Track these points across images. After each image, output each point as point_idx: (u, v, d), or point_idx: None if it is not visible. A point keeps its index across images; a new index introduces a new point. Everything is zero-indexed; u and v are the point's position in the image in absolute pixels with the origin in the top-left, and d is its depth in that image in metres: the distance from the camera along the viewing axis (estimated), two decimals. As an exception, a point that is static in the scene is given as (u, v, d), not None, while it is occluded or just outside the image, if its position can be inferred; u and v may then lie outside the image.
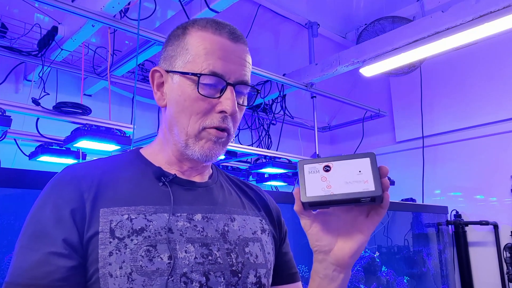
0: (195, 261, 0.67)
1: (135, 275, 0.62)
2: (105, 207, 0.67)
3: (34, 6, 2.07)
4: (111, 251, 0.63)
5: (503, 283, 2.82)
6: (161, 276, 0.63)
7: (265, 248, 0.78)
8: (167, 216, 0.69)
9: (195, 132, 0.72)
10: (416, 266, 2.84)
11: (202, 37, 0.73)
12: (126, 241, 0.64)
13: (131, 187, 0.72)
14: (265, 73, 2.50)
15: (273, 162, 2.37)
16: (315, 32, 3.08)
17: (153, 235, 0.66)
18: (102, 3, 1.72)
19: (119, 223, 0.66)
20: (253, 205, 0.85)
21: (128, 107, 2.65)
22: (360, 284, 2.37)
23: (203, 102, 0.71)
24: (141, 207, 0.69)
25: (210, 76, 0.70)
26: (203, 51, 0.71)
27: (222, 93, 0.71)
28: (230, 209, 0.79)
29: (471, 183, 3.09)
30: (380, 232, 2.68)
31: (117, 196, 0.69)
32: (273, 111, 3.17)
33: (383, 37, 2.38)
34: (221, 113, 0.72)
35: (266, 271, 0.76)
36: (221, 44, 0.72)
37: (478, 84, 3.12)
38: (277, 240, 0.86)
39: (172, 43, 0.76)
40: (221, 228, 0.74)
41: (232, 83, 0.72)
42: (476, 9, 1.94)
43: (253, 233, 0.78)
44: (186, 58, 0.72)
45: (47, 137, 1.90)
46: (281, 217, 0.90)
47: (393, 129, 3.66)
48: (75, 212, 0.65)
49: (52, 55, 2.11)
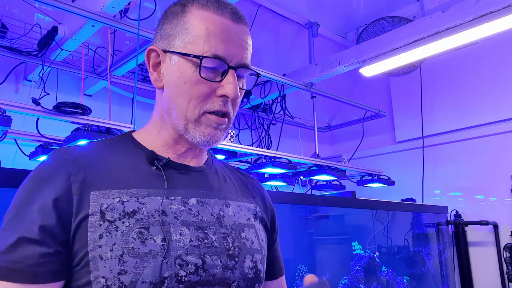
0: (190, 244, 0.65)
1: (126, 257, 0.60)
2: (95, 190, 0.65)
3: (34, 6, 2.07)
4: (101, 234, 0.61)
5: (503, 283, 2.82)
6: (154, 258, 0.61)
7: (259, 235, 0.78)
8: (161, 199, 0.67)
9: (195, 117, 0.70)
10: (416, 266, 2.84)
11: (203, 17, 0.69)
12: (117, 224, 0.63)
13: (123, 170, 0.70)
14: (265, 73, 2.50)
15: (273, 162, 2.37)
16: (315, 32, 3.08)
17: (145, 217, 0.64)
18: (102, 3, 1.72)
19: (110, 205, 0.64)
20: (247, 193, 0.84)
21: (128, 107, 2.65)
22: (360, 284, 2.37)
23: (204, 85, 0.69)
24: (133, 190, 0.67)
25: (212, 59, 0.68)
26: (205, 32, 0.68)
27: (224, 76, 0.69)
28: (225, 194, 0.77)
29: (471, 183, 3.08)
30: (380, 232, 2.68)
31: (108, 179, 0.67)
32: (273, 111, 3.17)
33: (383, 37, 2.38)
34: (222, 97, 0.70)
35: (261, 257, 0.75)
36: (223, 25, 0.69)
37: (478, 84, 3.12)
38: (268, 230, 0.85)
39: (170, 20, 0.72)
40: (216, 213, 0.72)
41: (233, 66, 0.69)
42: (476, 9, 1.94)
43: (248, 219, 0.78)
44: (186, 38, 0.69)
45: (47, 137, 1.90)
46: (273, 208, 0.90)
47: (393, 129, 3.66)
48: (59, 198, 0.62)
49: (52, 55, 2.11)
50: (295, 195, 2.33)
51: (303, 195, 2.68)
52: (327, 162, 2.71)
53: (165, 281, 0.61)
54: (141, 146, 0.76)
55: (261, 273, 0.74)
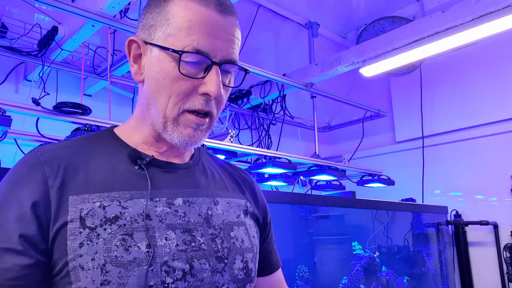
0: (176, 249, 0.62)
1: (109, 266, 0.57)
2: (74, 195, 0.61)
3: (34, 6, 2.07)
4: (82, 242, 0.58)
5: (503, 283, 2.82)
6: (139, 266, 0.58)
7: (249, 232, 0.75)
8: (144, 201, 0.63)
9: (174, 115, 0.65)
10: (416, 266, 2.84)
11: (186, 7, 0.64)
12: (99, 231, 0.59)
13: (103, 171, 0.65)
14: (265, 73, 2.50)
15: (273, 162, 2.37)
16: (315, 32, 3.08)
17: (128, 223, 0.60)
18: (102, 3, 1.72)
19: (91, 211, 0.60)
20: (237, 187, 0.80)
21: (128, 107, 2.65)
22: (360, 284, 2.36)
23: (185, 82, 0.64)
24: (114, 193, 0.63)
25: (193, 54, 0.62)
26: (186, 24, 0.63)
27: (206, 73, 0.64)
28: (213, 191, 0.74)
29: (471, 183, 3.08)
30: (380, 232, 2.68)
31: (87, 181, 0.63)
32: (273, 111, 3.17)
33: (383, 37, 2.38)
34: (204, 95, 0.65)
35: (252, 255, 0.72)
36: (207, 16, 0.63)
37: (478, 84, 3.11)
38: (261, 225, 0.82)
39: (152, 10, 0.67)
40: (204, 212, 0.69)
41: (217, 62, 0.64)
42: (476, 9, 1.94)
43: (237, 216, 0.74)
44: (167, 30, 0.64)
45: (47, 137, 1.90)
46: (265, 202, 0.86)
47: (393, 129, 3.66)
48: (37, 204, 0.59)
49: (52, 55, 2.11)
50: (295, 195, 2.33)
51: (303, 195, 2.67)
52: (327, 162, 2.71)
53: None
54: (123, 143, 0.71)
55: (252, 273, 0.71)
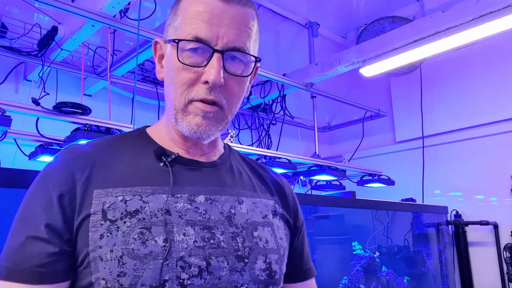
0: (194, 245, 0.62)
1: (126, 259, 0.58)
2: (99, 188, 0.63)
3: (34, 6, 2.07)
4: (102, 234, 0.60)
5: (503, 283, 2.82)
6: (154, 259, 0.58)
7: (276, 233, 0.72)
8: (166, 197, 0.64)
9: (182, 106, 0.66)
10: (416, 266, 2.84)
11: (192, 1, 0.66)
12: (119, 224, 0.60)
13: (128, 167, 0.67)
14: (265, 73, 2.50)
15: (273, 162, 2.37)
16: (315, 32, 3.08)
17: (148, 217, 0.61)
18: (102, 3, 1.72)
19: (112, 204, 0.62)
20: (266, 188, 0.79)
21: (128, 107, 2.65)
22: (360, 284, 2.36)
23: (187, 72, 0.65)
24: (137, 188, 0.64)
25: (191, 41, 0.63)
26: (189, 15, 0.65)
27: (208, 61, 0.64)
28: (239, 191, 0.73)
29: (471, 183, 3.08)
30: (380, 232, 2.68)
31: (112, 176, 0.65)
32: (273, 111, 3.16)
33: (383, 37, 2.38)
34: (206, 83, 0.65)
35: (278, 257, 0.70)
36: (210, 6, 0.64)
37: (478, 84, 3.11)
38: (292, 227, 0.79)
39: (170, 11, 0.71)
40: (226, 211, 0.68)
41: (219, 49, 0.64)
42: (476, 9, 1.94)
43: (264, 217, 0.72)
44: (175, 25, 0.67)
45: (47, 137, 1.90)
46: (297, 205, 0.84)
47: (393, 129, 3.65)
48: (64, 196, 0.62)
49: (52, 55, 2.11)
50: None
51: (303, 195, 2.67)
52: (327, 162, 2.71)
53: (166, 284, 0.58)
54: (152, 141, 0.73)
55: (277, 275, 0.69)
